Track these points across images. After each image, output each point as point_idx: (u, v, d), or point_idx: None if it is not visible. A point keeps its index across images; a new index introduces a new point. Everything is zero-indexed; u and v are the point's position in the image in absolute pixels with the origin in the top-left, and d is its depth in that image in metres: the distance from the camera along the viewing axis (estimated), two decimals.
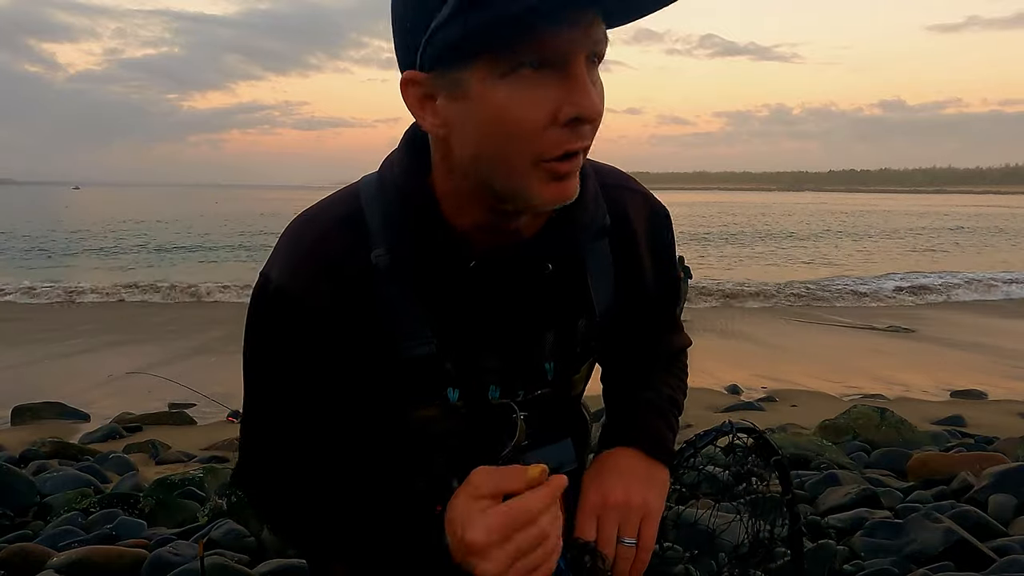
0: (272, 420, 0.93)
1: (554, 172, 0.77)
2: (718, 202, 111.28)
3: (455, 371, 0.90)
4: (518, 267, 0.89)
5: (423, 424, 0.92)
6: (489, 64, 0.73)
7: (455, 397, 0.91)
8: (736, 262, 29.66)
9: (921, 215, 69.39)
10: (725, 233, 45.59)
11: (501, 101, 0.74)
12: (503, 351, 0.92)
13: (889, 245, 38.21)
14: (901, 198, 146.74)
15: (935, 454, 5.64)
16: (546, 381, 0.96)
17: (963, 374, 10.82)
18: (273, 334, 0.89)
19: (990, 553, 3.23)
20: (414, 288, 0.87)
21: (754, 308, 18.70)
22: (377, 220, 0.87)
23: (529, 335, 0.93)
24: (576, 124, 0.75)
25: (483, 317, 0.90)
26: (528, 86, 0.73)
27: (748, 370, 11.12)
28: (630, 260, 0.99)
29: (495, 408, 0.93)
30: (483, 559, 0.74)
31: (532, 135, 0.75)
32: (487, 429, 0.93)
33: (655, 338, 1.10)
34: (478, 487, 0.78)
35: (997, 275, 24.62)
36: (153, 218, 58.48)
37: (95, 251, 33.59)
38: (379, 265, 0.86)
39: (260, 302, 0.89)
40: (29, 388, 9.66)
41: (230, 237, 41.25)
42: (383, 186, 0.89)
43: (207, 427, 8.28)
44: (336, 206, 0.91)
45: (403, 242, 0.86)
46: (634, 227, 0.99)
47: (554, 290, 0.92)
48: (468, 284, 0.87)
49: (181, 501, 4.60)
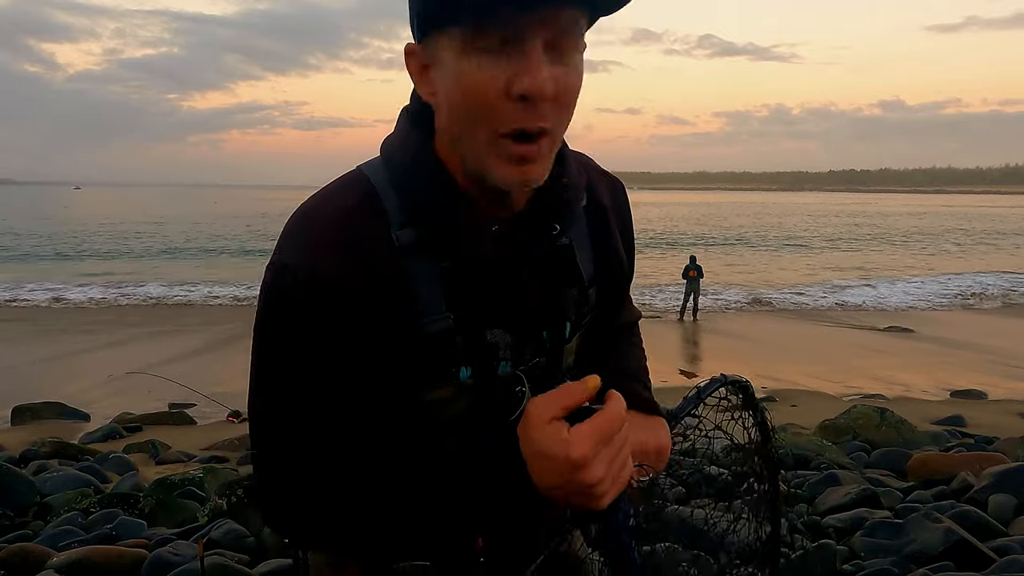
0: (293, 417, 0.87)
1: (511, 152, 0.80)
2: (718, 202, 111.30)
3: (467, 347, 0.91)
4: (527, 229, 0.91)
5: (434, 406, 0.92)
6: (458, 38, 0.78)
7: (467, 375, 0.91)
8: (736, 262, 29.68)
9: (921, 215, 69.41)
10: (725, 234, 45.59)
11: (463, 73, 0.79)
12: (512, 324, 0.94)
13: (891, 244, 38.24)
14: (901, 198, 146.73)
15: (935, 454, 5.64)
16: (544, 350, 0.98)
17: (963, 374, 10.83)
18: (295, 325, 0.84)
19: (990, 553, 3.23)
20: (436, 264, 0.88)
21: (754, 308, 18.70)
22: (393, 199, 0.88)
23: (531, 306, 0.95)
24: (527, 101, 0.77)
25: (498, 287, 0.91)
26: (486, 61, 0.78)
27: (748, 370, 11.10)
28: (604, 234, 1.04)
29: (503, 380, 0.94)
30: (591, 468, 0.78)
31: (487, 108, 0.78)
32: (495, 402, 0.94)
33: (616, 312, 1.14)
34: (543, 413, 0.80)
35: (997, 275, 24.64)
36: (154, 218, 58.52)
37: (95, 252, 33.61)
38: (401, 240, 0.86)
39: (279, 293, 0.85)
40: (29, 388, 9.66)
41: (230, 238, 41.25)
42: (392, 167, 0.90)
43: (207, 427, 8.29)
44: (347, 190, 0.90)
45: (425, 215, 0.87)
46: (603, 203, 1.04)
47: (552, 258, 0.95)
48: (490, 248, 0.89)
49: (181, 501, 4.61)
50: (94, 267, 27.52)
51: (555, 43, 0.79)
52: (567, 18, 0.78)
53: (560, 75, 0.79)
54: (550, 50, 0.78)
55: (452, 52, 0.80)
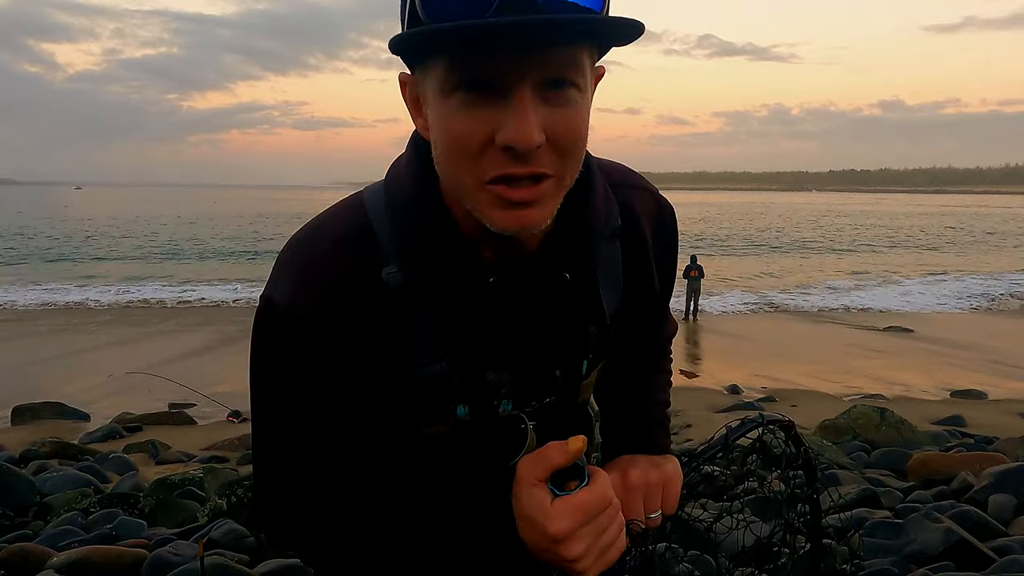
0: (288, 449, 0.89)
1: (503, 197, 0.73)
2: (718, 202, 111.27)
3: (465, 388, 0.88)
4: (535, 277, 0.86)
5: (432, 441, 0.91)
6: (441, 75, 0.72)
7: (464, 412, 0.89)
8: (737, 262, 29.67)
9: (922, 215, 69.37)
10: (726, 234, 45.58)
11: (445, 118, 0.73)
12: (514, 365, 0.90)
13: (891, 244, 38.22)
14: (903, 198, 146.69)
15: (935, 454, 5.64)
16: (555, 389, 0.94)
17: (963, 374, 10.83)
18: (282, 359, 0.85)
19: (990, 553, 3.23)
20: (428, 306, 0.84)
21: (754, 308, 18.69)
22: (387, 235, 0.83)
23: (540, 346, 0.91)
24: (514, 152, 0.70)
25: (496, 332, 0.87)
26: (468, 106, 0.71)
27: (748, 370, 11.13)
28: (639, 260, 0.97)
29: (505, 420, 0.92)
30: (570, 545, 0.78)
31: (470, 156, 0.72)
32: (496, 440, 0.92)
33: (651, 332, 1.10)
34: (528, 475, 0.80)
35: (998, 274, 24.64)
36: (154, 218, 58.49)
37: (95, 251, 33.60)
38: (390, 283, 0.82)
39: (266, 327, 0.85)
40: (29, 388, 9.67)
41: (231, 238, 41.24)
42: (391, 197, 0.85)
43: (207, 427, 8.28)
44: (340, 220, 0.86)
45: (415, 258, 0.82)
46: (642, 226, 0.97)
47: (566, 298, 0.89)
48: (484, 299, 0.84)
49: (181, 501, 4.61)
50: (94, 267, 27.51)
51: (549, 83, 0.71)
52: (562, 57, 0.71)
53: (556, 118, 0.72)
54: (544, 90, 0.71)
55: (435, 90, 0.73)
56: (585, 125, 0.76)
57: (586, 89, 0.75)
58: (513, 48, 0.68)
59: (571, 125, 0.73)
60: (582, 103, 0.74)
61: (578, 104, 0.74)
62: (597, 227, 0.88)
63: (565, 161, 0.74)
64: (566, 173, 0.76)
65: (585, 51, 0.73)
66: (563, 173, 0.75)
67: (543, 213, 0.75)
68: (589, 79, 0.76)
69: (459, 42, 0.68)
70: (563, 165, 0.74)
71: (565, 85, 0.72)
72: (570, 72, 0.72)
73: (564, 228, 0.85)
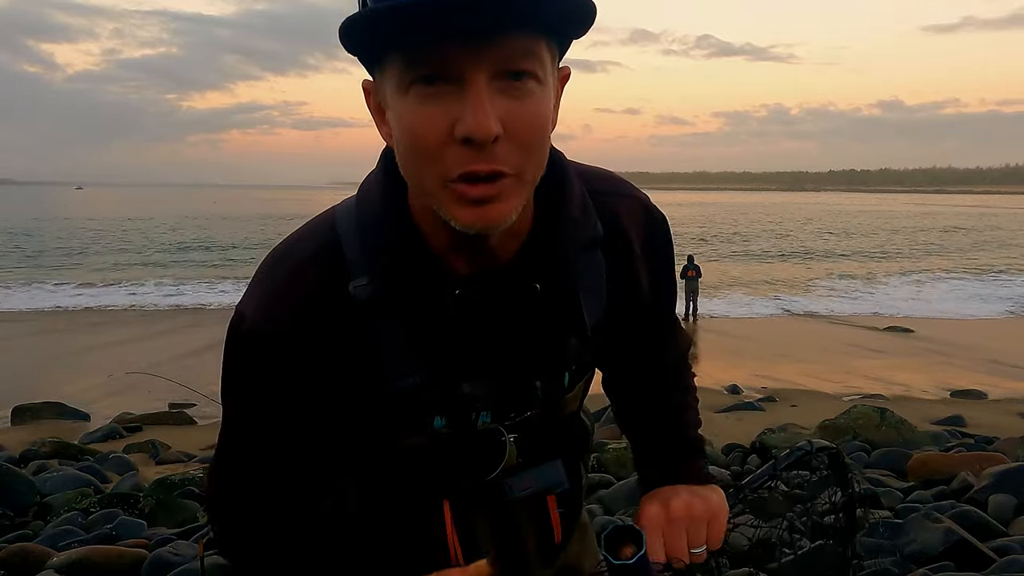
0: (244, 459, 0.92)
1: (463, 195, 0.72)
2: (719, 202, 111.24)
3: (441, 400, 0.87)
4: (503, 290, 0.84)
5: (409, 452, 0.90)
6: (395, 75, 0.71)
7: (441, 424, 0.88)
8: (736, 261, 29.67)
9: (924, 215, 69.39)
10: (726, 234, 45.59)
11: (404, 114, 0.72)
12: (491, 376, 0.88)
13: (891, 243, 38.22)
14: (903, 198, 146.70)
15: (935, 454, 5.65)
16: (536, 402, 0.91)
17: (963, 374, 10.83)
18: (248, 373, 0.87)
19: (990, 553, 3.23)
20: (397, 319, 0.83)
21: (754, 308, 18.69)
22: (356, 249, 0.83)
23: (518, 357, 0.89)
24: (473, 144, 0.69)
25: (470, 343, 0.86)
26: (426, 101, 0.70)
27: (748, 370, 11.13)
28: (625, 270, 0.94)
29: (483, 433, 0.90)
30: None
31: (431, 153, 0.71)
32: (475, 453, 0.90)
33: (658, 347, 1.06)
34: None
35: (999, 274, 24.65)
36: (155, 218, 58.50)
37: (96, 251, 33.61)
38: (358, 296, 0.82)
39: (234, 341, 0.86)
40: (29, 388, 9.67)
41: (231, 238, 41.25)
42: (361, 212, 0.85)
43: (207, 427, 8.28)
44: (310, 238, 0.86)
45: (383, 273, 0.82)
46: (628, 235, 0.93)
47: (542, 308, 0.87)
48: (453, 312, 0.83)
49: (181, 501, 4.61)
50: (95, 267, 27.51)
51: (506, 74, 0.70)
52: (517, 46, 0.69)
53: (514, 110, 0.70)
54: (500, 82, 0.70)
55: (393, 89, 0.72)
56: (546, 119, 0.74)
57: (546, 83, 0.73)
58: (466, 37, 0.67)
59: (531, 118, 0.72)
60: (542, 96, 0.73)
61: (538, 97, 0.72)
62: (572, 236, 0.86)
63: (526, 155, 0.72)
64: (527, 168, 0.74)
65: (542, 41, 0.72)
66: (524, 168, 0.73)
67: (505, 208, 0.73)
68: (549, 72, 0.74)
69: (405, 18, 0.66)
70: (524, 160, 0.73)
71: (523, 76, 0.70)
72: (527, 62, 0.70)
73: (539, 238, 0.84)
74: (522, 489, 0.91)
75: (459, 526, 0.92)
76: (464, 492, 0.92)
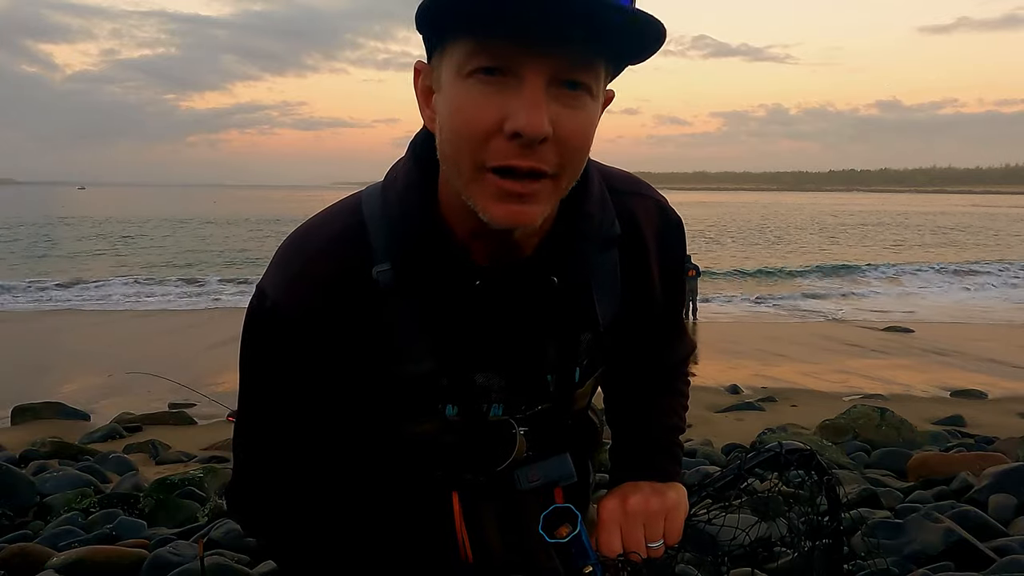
0: (267, 438, 0.91)
1: (499, 188, 0.73)
2: (719, 202, 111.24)
3: (453, 388, 0.88)
4: (523, 283, 0.86)
5: (420, 438, 0.91)
6: (456, 62, 0.73)
7: (453, 412, 0.89)
8: (736, 261, 29.66)
9: (925, 215, 69.38)
10: (727, 233, 45.60)
11: (457, 99, 0.74)
12: (505, 368, 0.90)
13: (890, 243, 38.22)
14: (904, 198, 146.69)
15: (935, 454, 5.64)
16: (547, 396, 0.93)
17: (963, 374, 10.82)
18: (269, 351, 0.87)
19: (990, 553, 3.23)
20: (416, 306, 0.85)
21: (755, 308, 18.68)
22: (381, 236, 0.84)
23: (531, 350, 0.91)
24: (520, 140, 0.71)
25: (486, 334, 0.87)
26: (483, 89, 0.72)
27: (748, 370, 11.12)
28: (639, 270, 0.96)
29: (494, 424, 0.91)
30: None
31: (477, 140, 0.73)
32: (485, 443, 0.92)
33: (660, 349, 1.07)
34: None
35: (999, 274, 24.64)
36: (155, 218, 58.51)
37: (96, 251, 33.61)
38: (380, 281, 0.83)
39: (255, 319, 0.87)
40: (29, 388, 9.66)
41: (231, 239, 41.26)
42: (387, 201, 0.86)
43: (207, 427, 8.27)
44: (336, 219, 0.88)
45: (406, 260, 0.83)
46: (645, 236, 0.95)
47: (557, 303, 0.89)
48: (472, 302, 0.85)
49: (181, 501, 4.60)
50: (95, 266, 27.51)
51: (563, 80, 0.72)
52: (579, 58, 0.72)
53: (566, 118, 0.73)
54: (556, 86, 0.72)
55: (451, 72, 0.74)
56: (592, 131, 0.76)
57: (598, 99, 0.76)
58: (528, 39, 0.69)
59: (579, 127, 0.74)
60: (592, 111, 0.76)
61: (588, 109, 0.75)
62: (591, 233, 0.87)
63: (566, 162, 0.75)
64: (564, 175, 0.76)
65: (602, 60, 0.75)
66: (562, 174, 0.75)
67: (537, 210, 0.76)
68: (601, 90, 0.77)
69: (484, 7, 0.68)
70: (563, 166, 0.75)
71: (579, 87, 0.73)
72: (586, 75, 0.73)
73: (559, 234, 0.86)
74: (531, 481, 0.93)
75: (467, 518, 0.94)
76: (473, 484, 0.93)
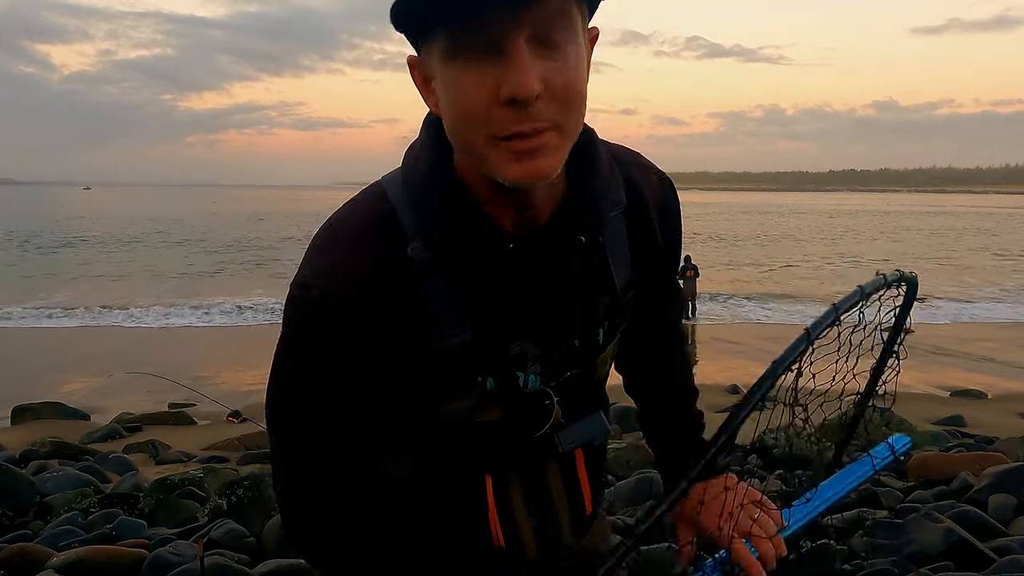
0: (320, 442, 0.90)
1: (511, 151, 0.77)
2: (720, 203, 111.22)
3: (491, 359, 0.90)
4: (551, 244, 0.88)
5: (459, 415, 0.92)
6: (441, 45, 0.76)
7: (492, 385, 0.91)
8: (737, 262, 29.68)
9: (923, 215, 69.37)
10: (727, 234, 45.60)
11: (451, 82, 0.77)
12: (537, 334, 0.92)
13: (890, 243, 38.22)
14: (904, 198, 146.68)
15: (935, 454, 5.64)
16: (577, 360, 0.96)
17: (963, 374, 10.83)
18: (321, 344, 0.86)
19: (990, 553, 3.23)
20: (452, 279, 0.87)
21: (755, 308, 18.69)
22: (409, 215, 0.86)
23: (560, 314, 0.93)
24: (518, 104, 0.74)
25: (519, 301, 0.89)
26: (471, 67, 0.75)
27: (748, 370, 11.12)
28: (645, 236, 1.00)
29: (530, 395, 0.94)
30: None
31: (479, 115, 0.76)
32: (521, 415, 0.94)
33: (664, 308, 1.14)
34: None
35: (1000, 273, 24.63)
36: (156, 218, 58.53)
37: (97, 250, 33.63)
38: (416, 259, 0.85)
39: (302, 313, 0.86)
40: (29, 388, 9.67)
41: (231, 241, 41.28)
42: (409, 179, 0.88)
43: (207, 427, 8.29)
44: (363, 209, 0.90)
45: (438, 232, 0.85)
46: (648, 203, 1.00)
47: (581, 265, 0.92)
48: (505, 269, 0.87)
49: (181, 501, 4.60)
50: (95, 266, 27.52)
51: (543, 36, 0.75)
52: (551, 9, 0.75)
53: (552, 70, 0.76)
54: (537, 44, 0.75)
55: (439, 60, 0.77)
56: (582, 76, 0.79)
57: (579, 43, 0.79)
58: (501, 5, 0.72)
59: (568, 76, 0.77)
60: (579, 56, 0.79)
61: (573, 56, 0.78)
62: (604, 192, 0.91)
63: (566, 111, 0.78)
64: (567, 123, 0.79)
65: (574, 5, 0.78)
66: (565, 123, 0.78)
67: (551, 161, 0.78)
68: (581, 32, 0.80)
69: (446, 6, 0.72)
70: (564, 115, 0.78)
71: (559, 37, 0.76)
72: (563, 23, 0.76)
73: (574, 198, 0.89)
74: (569, 443, 0.97)
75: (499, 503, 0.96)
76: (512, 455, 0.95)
